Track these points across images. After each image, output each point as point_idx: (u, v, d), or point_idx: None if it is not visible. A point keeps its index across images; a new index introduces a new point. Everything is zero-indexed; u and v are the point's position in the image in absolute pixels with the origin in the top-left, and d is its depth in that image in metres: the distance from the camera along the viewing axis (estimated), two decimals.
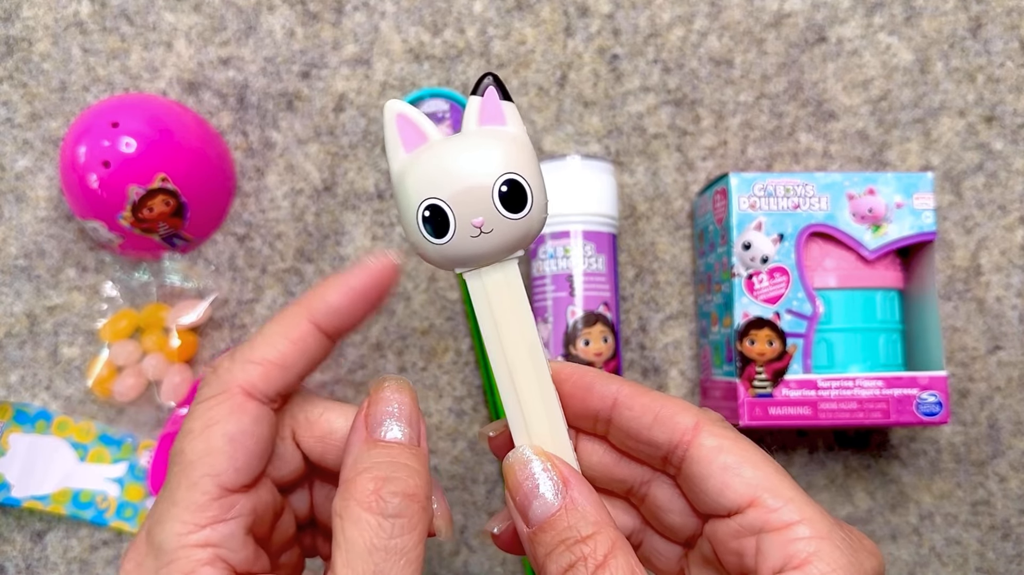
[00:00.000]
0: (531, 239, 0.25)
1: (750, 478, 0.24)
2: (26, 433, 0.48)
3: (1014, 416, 0.49)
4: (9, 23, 0.50)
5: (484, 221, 0.24)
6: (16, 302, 0.49)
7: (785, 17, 0.51)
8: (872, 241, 0.44)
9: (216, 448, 0.24)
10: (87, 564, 0.48)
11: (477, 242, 0.24)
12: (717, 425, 0.25)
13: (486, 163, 0.24)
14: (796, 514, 0.23)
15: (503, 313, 0.26)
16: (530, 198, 0.24)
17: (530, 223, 0.25)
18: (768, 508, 0.24)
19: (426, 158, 0.25)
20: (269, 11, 0.50)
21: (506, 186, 0.24)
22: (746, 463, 0.24)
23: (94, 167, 0.44)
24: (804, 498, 0.24)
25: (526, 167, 0.25)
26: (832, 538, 0.23)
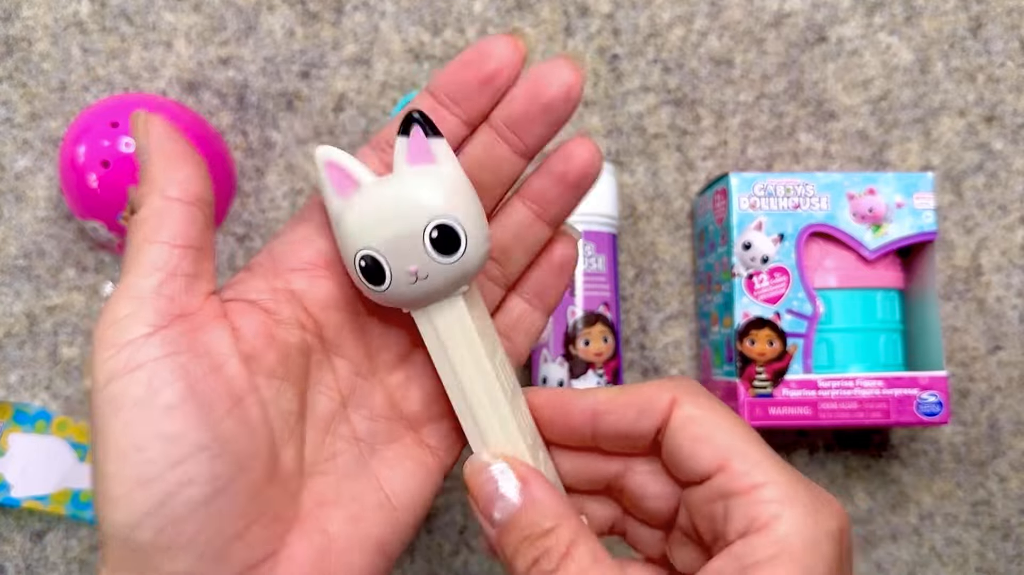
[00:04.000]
0: (471, 276, 0.25)
1: (719, 444, 0.25)
2: (26, 433, 0.48)
3: (1014, 416, 0.49)
4: (9, 23, 0.50)
5: (419, 268, 0.24)
6: (16, 302, 0.49)
7: (785, 17, 0.51)
8: (872, 241, 0.44)
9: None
10: (87, 564, 0.48)
11: (415, 287, 0.24)
12: (692, 395, 0.26)
13: (413, 210, 0.24)
14: (762, 477, 0.24)
15: (453, 346, 0.26)
16: (463, 240, 0.24)
17: (465, 264, 0.24)
18: (735, 472, 0.24)
19: (356, 207, 0.25)
20: (269, 11, 0.50)
21: (436, 231, 0.24)
22: (716, 430, 0.25)
23: (94, 167, 0.44)
24: (772, 461, 0.24)
25: (457, 207, 0.24)
26: (795, 500, 0.23)
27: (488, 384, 0.26)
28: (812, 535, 0.23)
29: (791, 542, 0.23)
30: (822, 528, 0.23)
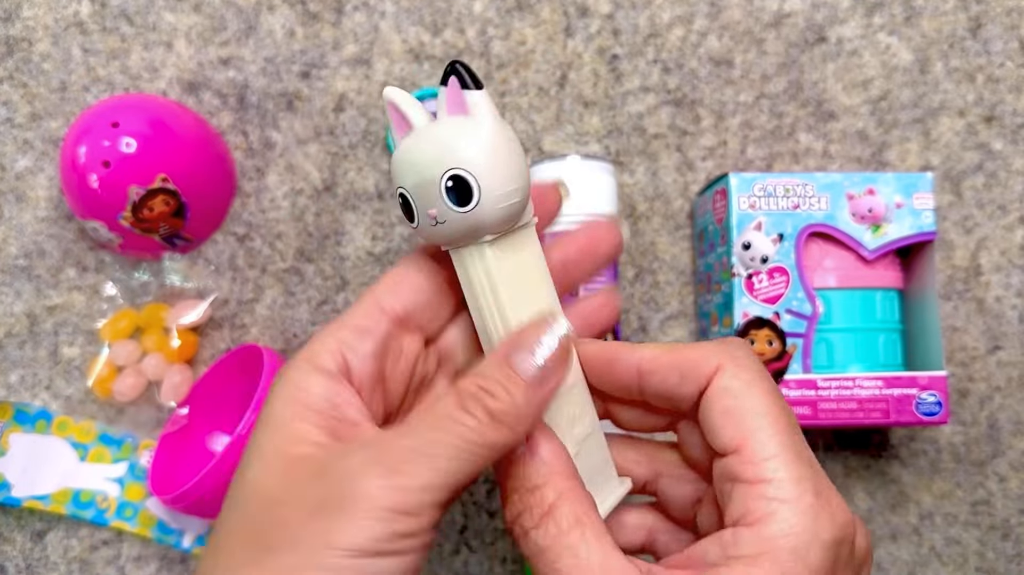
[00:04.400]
0: (488, 229, 0.26)
1: (743, 424, 0.25)
2: (26, 433, 0.48)
3: (1014, 416, 0.49)
4: (9, 23, 0.50)
5: (437, 213, 0.26)
6: (16, 302, 0.49)
7: (785, 17, 0.51)
8: (872, 241, 0.44)
9: (382, 282, 0.28)
10: (87, 564, 0.48)
11: (435, 230, 0.26)
12: (737, 365, 0.26)
13: (433, 159, 0.25)
14: (770, 472, 0.24)
15: (480, 291, 0.27)
16: (476, 192, 0.25)
17: (478, 216, 0.25)
18: (747, 458, 0.24)
19: (401, 148, 0.26)
20: (269, 11, 0.50)
21: (451, 181, 0.25)
22: (746, 409, 0.25)
23: (94, 167, 0.44)
24: (788, 455, 0.24)
25: (475, 160, 0.25)
26: (796, 502, 0.23)
27: (510, 332, 0.27)
28: (802, 540, 0.23)
29: (777, 543, 0.23)
30: (815, 534, 0.23)
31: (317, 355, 0.26)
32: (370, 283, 0.49)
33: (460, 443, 0.24)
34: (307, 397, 0.25)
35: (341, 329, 0.27)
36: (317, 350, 0.26)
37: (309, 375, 0.26)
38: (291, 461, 0.25)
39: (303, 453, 0.25)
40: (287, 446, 0.25)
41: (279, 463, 0.25)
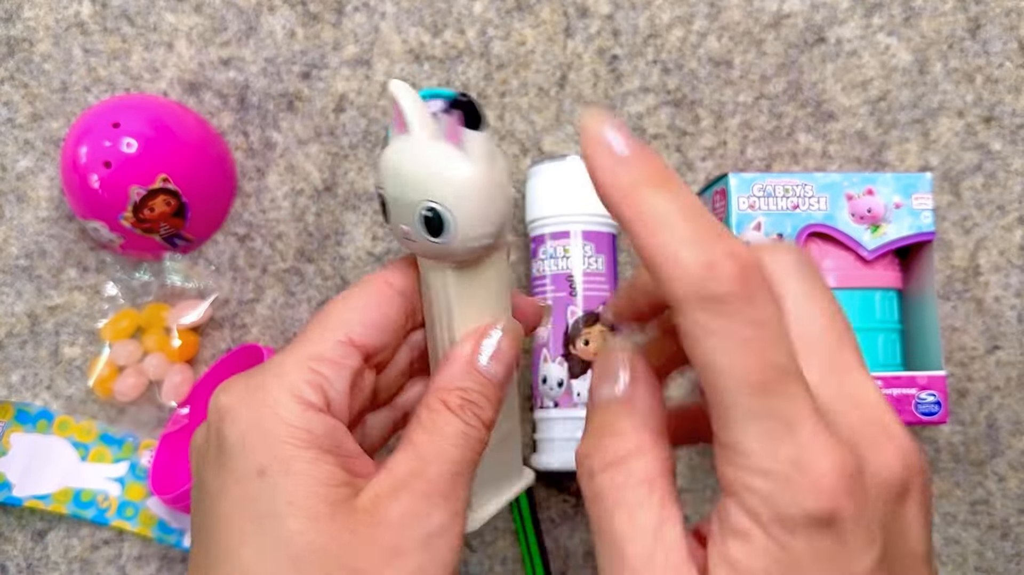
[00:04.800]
0: (455, 258, 0.26)
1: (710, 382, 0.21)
2: (27, 433, 0.48)
3: (1013, 416, 0.49)
4: (10, 24, 0.50)
5: (409, 231, 0.26)
6: (17, 302, 0.49)
7: (784, 18, 0.51)
8: (871, 241, 0.44)
9: (354, 307, 0.27)
10: (88, 563, 0.48)
11: (404, 241, 0.27)
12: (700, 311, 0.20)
13: (416, 182, 0.25)
14: (739, 438, 0.20)
15: (437, 307, 0.28)
16: (449, 229, 0.25)
17: (447, 248, 0.26)
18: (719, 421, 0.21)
19: (391, 151, 0.26)
20: (270, 12, 0.50)
21: (429, 212, 0.25)
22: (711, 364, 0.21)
23: (95, 167, 0.44)
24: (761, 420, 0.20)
25: (455, 201, 0.25)
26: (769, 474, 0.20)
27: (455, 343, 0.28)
28: (786, 513, 0.20)
29: (763, 519, 0.20)
30: (800, 507, 0.20)
31: (300, 389, 0.25)
32: None
33: (472, 456, 0.26)
34: (314, 437, 0.25)
35: (317, 361, 0.26)
36: (297, 383, 0.25)
37: (305, 412, 0.25)
38: (336, 506, 0.24)
39: (343, 496, 0.24)
40: (325, 490, 0.24)
41: (324, 509, 0.24)
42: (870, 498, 0.21)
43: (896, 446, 0.22)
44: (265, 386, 0.25)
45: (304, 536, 0.23)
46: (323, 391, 0.25)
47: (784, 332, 0.21)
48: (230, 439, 0.24)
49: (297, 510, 0.23)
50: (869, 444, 0.22)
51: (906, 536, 0.22)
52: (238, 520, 0.24)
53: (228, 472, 0.24)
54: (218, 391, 0.26)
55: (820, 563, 0.20)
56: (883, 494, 0.21)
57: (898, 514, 0.22)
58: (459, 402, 0.26)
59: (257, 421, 0.24)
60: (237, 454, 0.24)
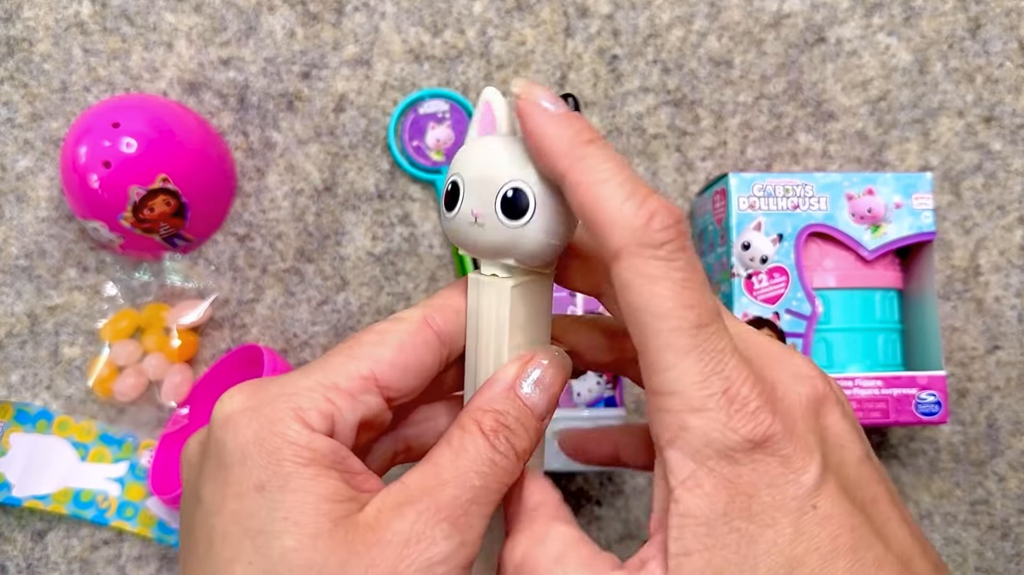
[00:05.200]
0: (516, 253, 0.26)
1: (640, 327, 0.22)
2: (27, 433, 0.48)
3: (1013, 416, 0.49)
4: (10, 23, 0.50)
5: (482, 213, 0.25)
6: (17, 302, 0.49)
7: (784, 18, 0.51)
8: (871, 241, 0.44)
9: (387, 343, 0.26)
10: (88, 563, 0.48)
11: (468, 229, 0.26)
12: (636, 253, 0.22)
13: (507, 164, 0.25)
14: (672, 382, 0.22)
15: (484, 327, 0.27)
16: (529, 214, 0.25)
17: (518, 235, 0.25)
18: (650, 367, 0.22)
19: (476, 144, 0.26)
20: (269, 12, 0.50)
21: (512, 192, 0.25)
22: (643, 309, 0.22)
23: (95, 167, 0.44)
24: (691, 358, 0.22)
25: (541, 183, 0.25)
26: (704, 409, 0.21)
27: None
28: (725, 444, 0.21)
29: (705, 456, 0.21)
30: (731, 438, 0.21)
31: (306, 413, 0.24)
32: (370, 284, 0.49)
33: (497, 487, 0.25)
34: (316, 455, 0.23)
35: (332, 390, 0.25)
36: (305, 407, 0.24)
37: (309, 433, 0.24)
38: (338, 522, 0.23)
39: (346, 511, 0.23)
40: (328, 506, 0.23)
41: (325, 525, 0.22)
42: (793, 415, 0.22)
43: (794, 369, 0.24)
44: (273, 402, 0.24)
45: (299, 554, 0.22)
46: (331, 420, 0.24)
47: (704, 277, 0.23)
48: (230, 449, 0.23)
49: (293, 526, 0.22)
50: (774, 370, 0.24)
51: (839, 443, 0.24)
52: (234, 536, 0.23)
53: (226, 485, 0.23)
54: (223, 399, 0.25)
55: (771, 486, 0.21)
56: (801, 411, 0.23)
57: (824, 427, 0.23)
58: (493, 425, 0.25)
59: (259, 436, 0.23)
60: (236, 467, 0.23)
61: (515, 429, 0.25)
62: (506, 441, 0.25)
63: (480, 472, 0.24)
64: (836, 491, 0.22)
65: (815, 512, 0.21)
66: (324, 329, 0.49)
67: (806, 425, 0.23)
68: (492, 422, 0.25)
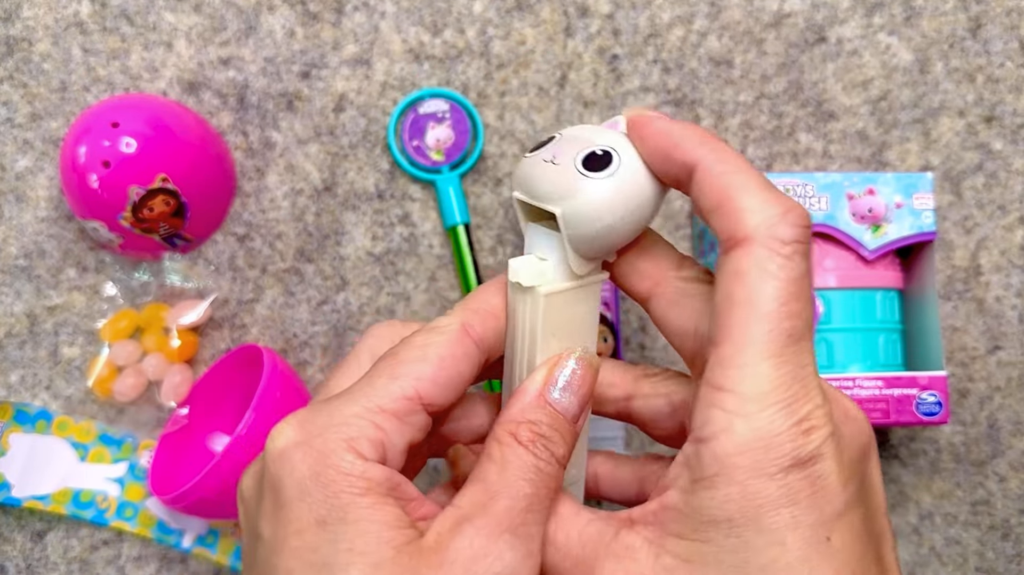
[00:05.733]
0: (572, 208, 0.25)
1: (731, 317, 0.22)
2: (26, 433, 0.48)
3: (1014, 416, 0.49)
4: (9, 23, 0.50)
5: (559, 156, 0.25)
6: (16, 302, 0.49)
7: (785, 17, 0.51)
8: (872, 241, 0.44)
9: (427, 359, 0.25)
10: (87, 564, 0.48)
11: (541, 165, 0.25)
12: (767, 248, 0.22)
13: (612, 137, 0.25)
14: (736, 382, 0.22)
15: (520, 333, 0.27)
16: (605, 173, 0.24)
17: (583, 187, 0.24)
18: (723, 359, 0.22)
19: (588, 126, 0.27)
20: (269, 11, 0.50)
21: (602, 151, 0.25)
22: (745, 302, 0.22)
23: (94, 167, 0.44)
24: (768, 366, 0.21)
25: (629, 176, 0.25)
26: (754, 418, 0.21)
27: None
28: (760, 458, 0.21)
29: (733, 461, 0.21)
30: (778, 450, 0.21)
31: (359, 443, 0.24)
32: (369, 283, 0.49)
33: (546, 493, 0.25)
34: (372, 484, 0.23)
35: (381, 415, 0.24)
36: (356, 437, 0.24)
37: (361, 462, 0.23)
38: (400, 549, 0.22)
39: (407, 538, 0.23)
40: (389, 534, 0.23)
41: (388, 553, 0.22)
42: (841, 447, 0.23)
43: (845, 410, 0.24)
44: (323, 434, 0.24)
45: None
46: (382, 446, 0.24)
47: (811, 293, 0.24)
48: (287, 485, 0.23)
49: (358, 557, 0.22)
50: (838, 412, 0.24)
51: (872, 491, 0.24)
52: (298, 571, 0.22)
53: (287, 523, 0.23)
54: (275, 434, 0.24)
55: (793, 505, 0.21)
56: (855, 452, 0.23)
57: (866, 472, 0.24)
58: (529, 436, 0.25)
59: (314, 470, 0.23)
60: (296, 503, 0.23)
61: (550, 436, 0.25)
62: (545, 449, 0.25)
63: (529, 479, 0.24)
64: (853, 531, 0.22)
65: (827, 544, 0.21)
66: (324, 329, 0.49)
67: (850, 460, 0.23)
68: (528, 433, 0.25)
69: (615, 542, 0.24)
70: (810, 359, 0.22)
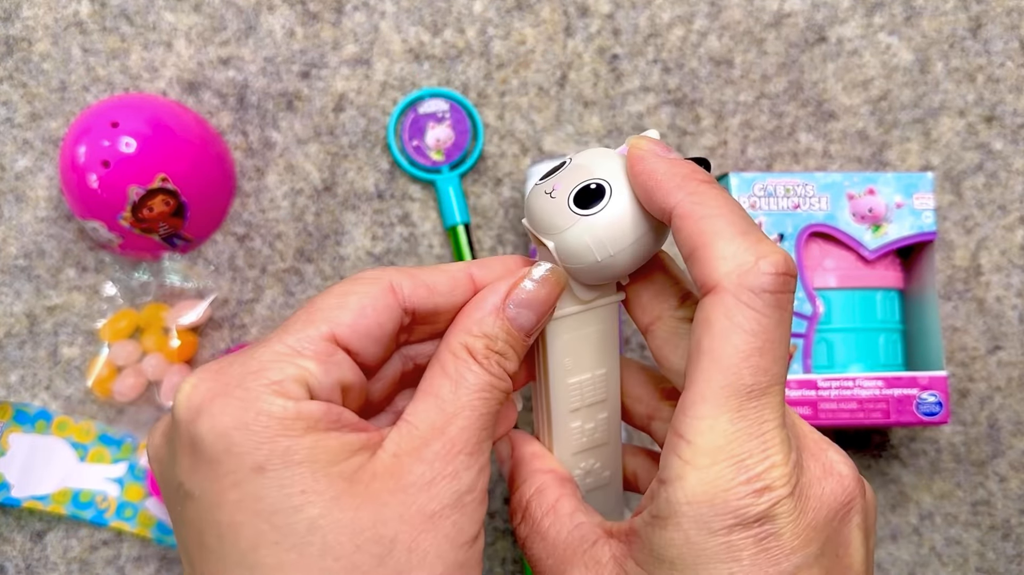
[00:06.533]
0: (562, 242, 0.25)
1: (697, 366, 0.22)
2: (26, 433, 0.48)
3: (1014, 416, 0.49)
4: (9, 23, 0.50)
5: (557, 189, 0.25)
6: (16, 302, 0.49)
7: (785, 17, 0.51)
8: (872, 241, 0.44)
9: (346, 306, 0.25)
10: (87, 564, 0.48)
11: (543, 198, 0.26)
12: (732, 296, 0.22)
13: (612, 169, 0.25)
14: (694, 431, 0.22)
15: (544, 353, 0.28)
16: (592, 210, 0.25)
17: (572, 224, 0.25)
18: (684, 408, 0.22)
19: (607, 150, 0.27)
20: (269, 11, 0.50)
21: (594, 185, 0.25)
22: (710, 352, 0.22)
23: (94, 167, 0.44)
24: (724, 420, 0.21)
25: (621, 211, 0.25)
26: (705, 471, 0.21)
27: (556, 395, 0.28)
28: (706, 511, 0.21)
29: (682, 510, 0.21)
30: (724, 507, 0.21)
31: (282, 384, 0.23)
32: None
33: (497, 408, 0.25)
34: (311, 422, 0.22)
35: (297, 355, 0.23)
36: (279, 379, 0.23)
37: (288, 402, 0.22)
38: (355, 478, 0.22)
39: (359, 464, 0.23)
40: (339, 467, 0.22)
41: (343, 486, 0.22)
42: (805, 507, 0.22)
43: (828, 464, 0.24)
44: (241, 383, 0.23)
45: (328, 518, 0.22)
46: (306, 385, 0.23)
47: (786, 345, 0.22)
48: (208, 440, 0.22)
49: (314, 496, 0.22)
50: (804, 458, 0.23)
51: (844, 550, 0.23)
52: (246, 523, 0.22)
53: (217, 476, 0.22)
54: (184, 390, 0.23)
55: (733, 562, 0.21)
56: (825, 511, 0.22)
57: (840, 531, 0.23)
58: (484, 351, 0.25)
59: (240, 419, 0.22)
60: (222, 456, 0.22)
61: (504, 351, 0.25)
62: (498, 366, 0.25)
63: (483, 398, 0.24)
64: None
65: None
66: None
67: (813, 522, 0.22)
68: (483, 348, 0.25)
69: (589, 551, 0.24)
70: (773, 415, 0.22)
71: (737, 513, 0.21)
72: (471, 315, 0.25)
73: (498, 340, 0.25)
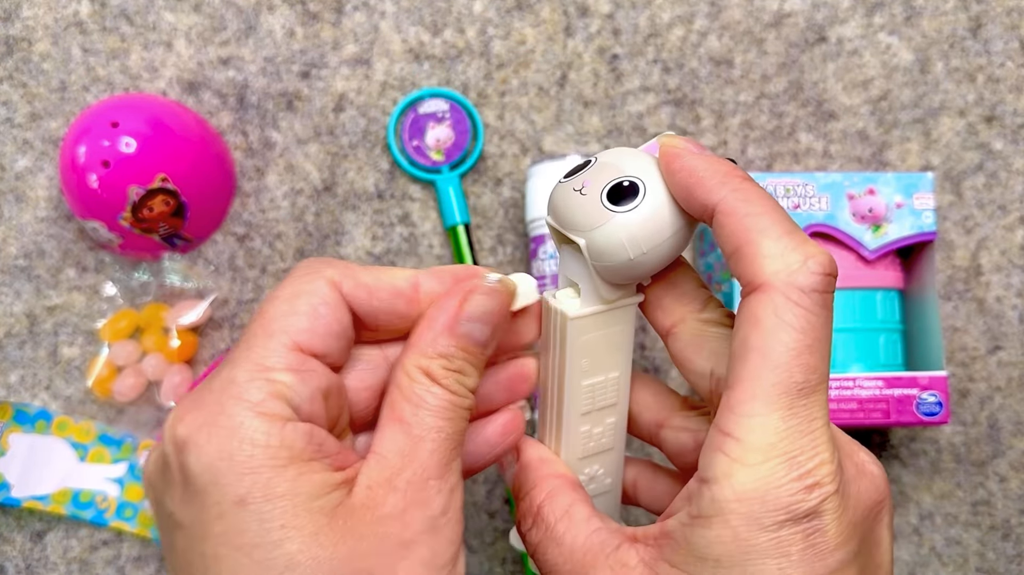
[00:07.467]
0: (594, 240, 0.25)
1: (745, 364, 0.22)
2: (26, 433, 0.48)
3: (1014, 416, 0.49)
4: (9, 23, 0.50)
5: (588, 186, 0.25)
6: (16, 302, 0.49)
7: (785, 17, 0.51)
8: (872, 241, 0.44)
9: (299, 311, 0.24)
10: (87, 564, 0.48)
11: (571, 194, 0.25)
12: (782, 295, 0.22)
13: (644, 166, 0.25)
14: (743, 429, 0.22)
15: (552, 353, 0.27)
16: (627, 207, 0.24)
17: (605, 221, 0.25)
18: (732, 405, 0.22)
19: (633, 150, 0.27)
20: (269, 11, 0.50)
21: (628, 183, 0.25)
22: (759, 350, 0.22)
23: (94, 167, 0.44)
24: (775, 418, 0.21)
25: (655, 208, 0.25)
26: (756, 468, 0.21)
27: (569, 397, 0.28)
28: (756, 507, 0.21)
29: (730, 506, 0.21)
30: (775, 502, 0.21)
31: (263, 405, 0.22)
32: None
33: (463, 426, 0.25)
34: (293, 452, 0.22)
35: (271, 371, 0.23)
36: (258, 399, 0.22)
37: (273, 426, 0.22)
38: (334, 513, 0.22)
39: (338, 500, 0.23)
40: (320, 502, 0.22)
41: (323, 521, 0.22)
42: (846, 504, 0.22)
43: (860, 464, 0.24)
44: (222, 410, 0.22)
45: (307, 554, 0.22)
46: (286, 399, 0.23)
47: (830, 345, 0.23)
48: (196, 471, 0.22)
49: (293, 531, 0.22)
50: (850, 467, 0.24)
51: (875, 549, 0.24)
52: (228, 556, 0.22)
53: (204, 508, 0.22)
54: (172, 423, 0.23)
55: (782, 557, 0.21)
56: (862, 510, 0.23)
57: (873, 530, 0.23)
58: (442, 372, 0.24)
59: (225, 449, 0.22)
60: (209, 488, 0.22)
61: (462, 368, 0.25)
62: (458, 383, 0.25)
63: (448, 418, 0.24)
64: None
65: None
66: None
67: (853, 519, 0.23)
68: (440, 369, 0.24)
69: (614, 555, 0.24)
70: (821, 413, 0.22)
71: (789, 509, 0.21)
72: (423, 336, 0.25)
73: (455, 359, 0.25)
